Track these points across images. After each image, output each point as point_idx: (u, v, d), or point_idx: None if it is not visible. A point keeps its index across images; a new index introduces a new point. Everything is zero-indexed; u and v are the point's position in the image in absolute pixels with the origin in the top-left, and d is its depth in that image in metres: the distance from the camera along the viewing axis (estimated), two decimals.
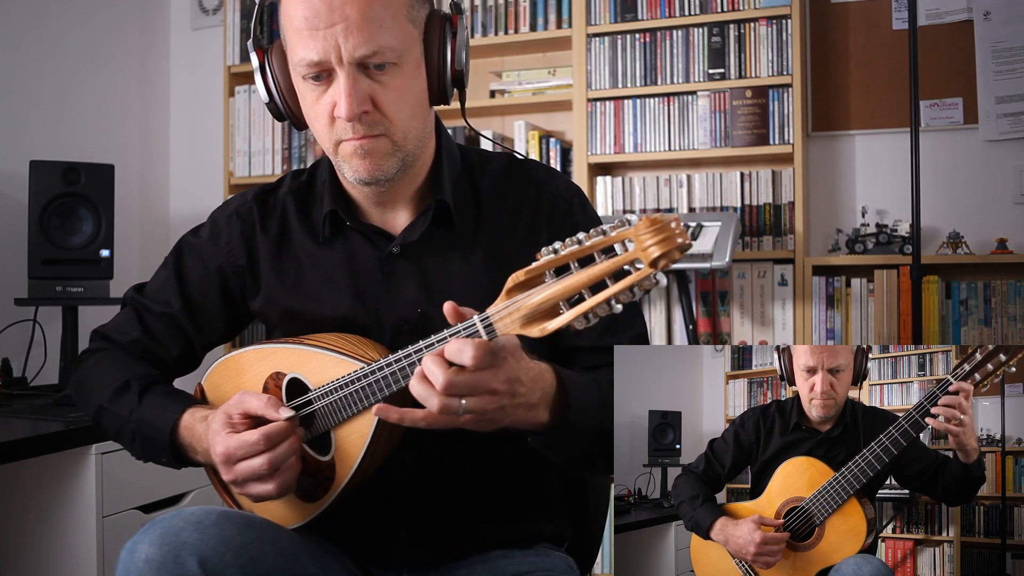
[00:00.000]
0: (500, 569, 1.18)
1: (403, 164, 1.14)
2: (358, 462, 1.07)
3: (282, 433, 1.04)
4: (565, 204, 1.23)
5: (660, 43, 2.72)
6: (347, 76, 1.07)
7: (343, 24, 1.05)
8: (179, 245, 1.32)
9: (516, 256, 1.10)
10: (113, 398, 1.22)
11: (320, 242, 1.23)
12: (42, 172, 2.44)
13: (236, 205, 1.29)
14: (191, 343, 1.30)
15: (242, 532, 1.03)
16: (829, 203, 2.75)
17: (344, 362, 1.08)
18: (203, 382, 1.25)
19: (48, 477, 2.03)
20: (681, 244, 0.83)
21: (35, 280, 2.43)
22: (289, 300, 1.23)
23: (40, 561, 2.04)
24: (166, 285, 1.30)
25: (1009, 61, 2.54)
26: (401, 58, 1.09)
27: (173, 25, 3.38)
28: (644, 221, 0.84)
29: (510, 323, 0.92)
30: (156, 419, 1.17)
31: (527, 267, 0.91)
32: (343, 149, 1.12)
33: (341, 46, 1.05)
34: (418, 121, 1.15)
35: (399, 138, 1.12)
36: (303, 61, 1.08)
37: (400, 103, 1.11)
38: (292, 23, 1.08)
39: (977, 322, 2.46)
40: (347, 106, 1.07)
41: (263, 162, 3.09)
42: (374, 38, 1.06)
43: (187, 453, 1.17)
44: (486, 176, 1.24)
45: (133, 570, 0.99)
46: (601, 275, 0.86)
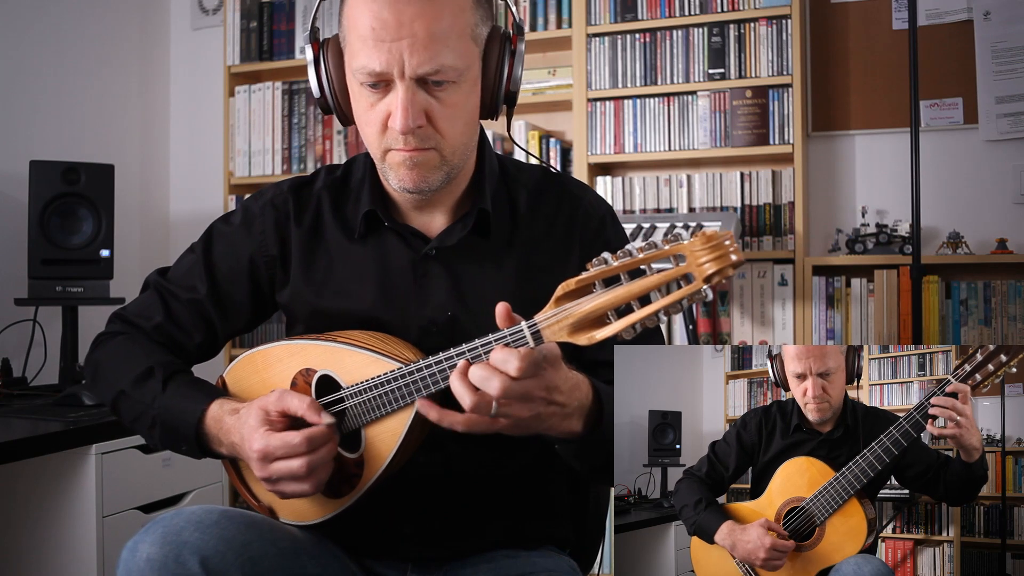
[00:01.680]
0: (504, 569, 1.18)
1: (448, 176, 1.15)
2: (388, 461, 1.08)
3: (323, 437, 1.05)
4: (598, 221, 1.25)
5: (660, 43, 2.72)
6: (406, 90, 1.07)
7: (410, 39, 1.05)
8: (209, 231, 1.32)
9: (547, 268, 1.10)
10: (135, 384, 1.21)
11: (354, 239, 1.23)
12: (42, 172, 2.44)
13: (271, 195, 1.29)
14: (214, 331, 1.29)
15: (243, 531, 1.03)
16: (829, 203, 2.75)
17: (379, 361, 1.08)
18: (225, 375, 1.24)
19: (48, 477, 2.03)
20: (735, 261, 0.85)
21: (35, 280, 2.43)
22: (316, 294, 1.23)
23: (40, 561, 2.04)
24: (193, 269, 1.29)
25: (1009, 61, 2.54)
26: (461, 76, 1.10)
27: (173, 25, 3.38)
28: (700, 237, 0.85)
29: (558, 330, 0.93)
30: (182, 408, 1.17)
31: (578, 276, 0.92)
32: (391, 157, 1.13)
33: (405, 61, 1.06)
34: (468, 136, 1.16)
35: (448, 153, 1.13)
36: (364, 69, 1.08)
37: (454, 120, 1.12)
38: (357, 29, 1.08)
39: (977, 322, 2.46)
40: (403, 120, 1.07)
41: (263, 162, 3.09)
42: (438, 56, 1.06)
43: (211, 444, 1.16)
44: (522, 187, 1.26)
45: (134, 569, 0.99)
46: (652, 287, 0.88)
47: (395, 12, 1.05)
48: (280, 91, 3.07)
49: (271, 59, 3.11)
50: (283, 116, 3.08)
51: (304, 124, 3.05)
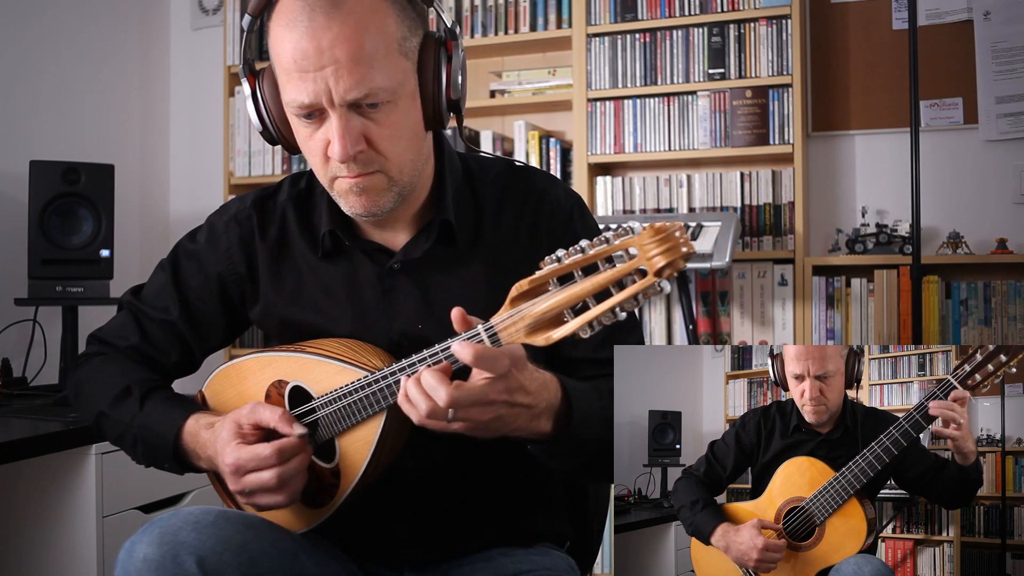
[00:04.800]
0: (501, 567, 1.18)
1: (400, 195, 1.13)
2: (363, 470, 1.08)
3: (294, 448, 1.05)
4: (565, 214, 1.22)
5: (660, 43, 2.72)
6: (339, 118, 1.04)
7: (333, 67, 1.02)
8: (175, 250, 1.31)
9: (517, 267, 1.09)
10: (114, 404, 1.22)
11: (320, 256, 1.22)
12: (42, 172, 2.44)
13: (235, 211, 1.28)
14: (190, 349, 1.30)
15: (241, 532, 1.03)
16: (829, 203, 2.75)
17: (347, 370, 1.08)
18: (204, 389, 1.25)
19: (48, 477, 2.02)
20: (686, 253, 0.84)
21: (35, 280, 2.43)
22: (287, 310, 1.23)
23: (40, 561, 2.04)
24: (164, 291, 1.29)
25: (1009, 61, 2.54)
26: (395, 94, 1.06)
27: (173, 25, 3.38)
28: (648, 230, 0.84)
29: (515, 332, 0.93)
30: (159, 425, 1.17)
31: (531, 276, 0.91)
32: (338, 185, 1.11)
33: (332, 89, 1.02)
34: (413, 153, 1.13)
35: (395, 173, 1.10)
36: (294, 102, 1.06)
37: (395, 139, 1.08)
38: (281, 62, 1.06)
39: (977, 322, 2.46)
40: (340, 148, 1.05)
41: (263, 162, 3.09)
42: (366, 80, 1.03)
43: (190, 459, 1.17)
44: (486, 185, 1.23)
45: (131, 569, 0.99)
46: (606, 283, 0.87)
47: (314, 40, 1.02)
48: None
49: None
50: None
51: None
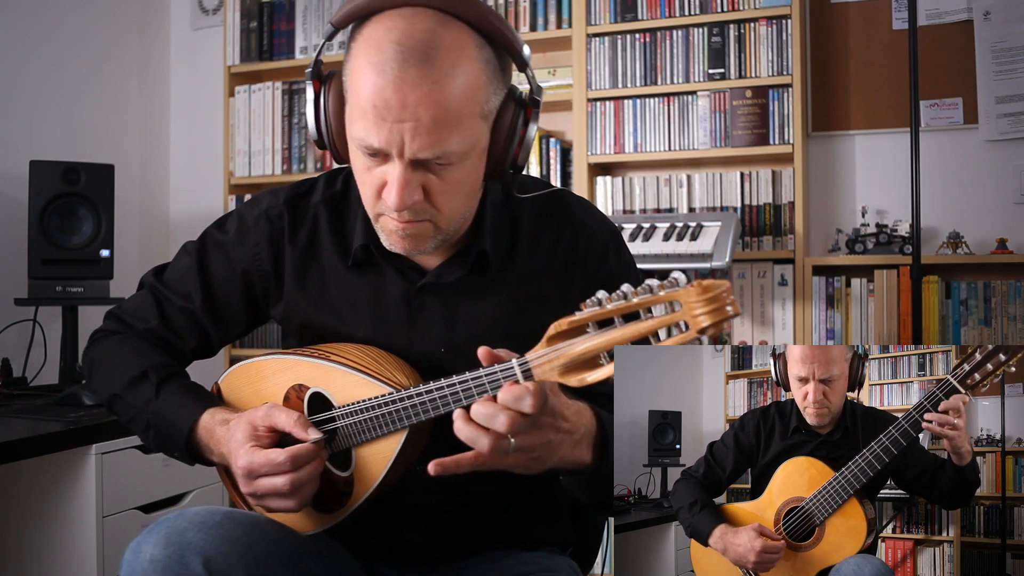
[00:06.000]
0: (506, 568, 1.19)
1: (442, 241, 1.11)
2: (378, 482, 1.07)
3: (308, 455, 1.04)
4: (600, 249, 1.21)
5: (660, 43, 2.72)
6: (403, 168, 1.01)
7: (412, 124, 0.98)
8: (203, 238, 1.28)
9: (546, 298, 1.07)
10: (129, 387, 1.20)
11: (349, 265, 1.20)
12: (42, 172, 2.44)
13: (266, 206, 1.25)
14: (208, 337, 1.29)
15: (247, 532, 1.03)
16: (829, 203, 2.75)
17: (371, 384, 1.07)
18: (220, 381, 1.24)
19: (48, 477, 2.03)
20: (731, 314, 0.84)
21: (35, 280, 2.43)
22: (310, 313, 1.22)
23: (40, 561, 2.04)
24: (188, 277, 1.26)
25: (1009, 61, 2.54)
26: (466, 156, 1.04)
27: (173, 25, 3.38)
28: (696, 287, 0.84)
29: (549, 370, 0.92)
30: (174, 415, 1.17)
31: (570, 317, 0.91)
32: (384, 223, 1.09)
33: (405, 143, 0.99)
34: (467, 207, 1.11)
35: (443, 224, 1.08)
36: (362, 141, 1.02)
37: (453, 195, 1.06)
38: (359, 97, 1.01)
39: (977, 322, 2.46)
40: (398, 199, 1.02)
41: (263, 162, 3.09)
42: (442, 142, 1.00)
43: (203, 452, 1.16)
44: (524, 210, 1.21)
45: (138, 570, 0.98)
46: (646, 333, 0.87)
47: (399, 92, 0.97)
48: (280, 91, 3.07)
49: (271, 59, 3.11)
50: (283, 116, 3.08)
51: (304, 124, 3.05)
